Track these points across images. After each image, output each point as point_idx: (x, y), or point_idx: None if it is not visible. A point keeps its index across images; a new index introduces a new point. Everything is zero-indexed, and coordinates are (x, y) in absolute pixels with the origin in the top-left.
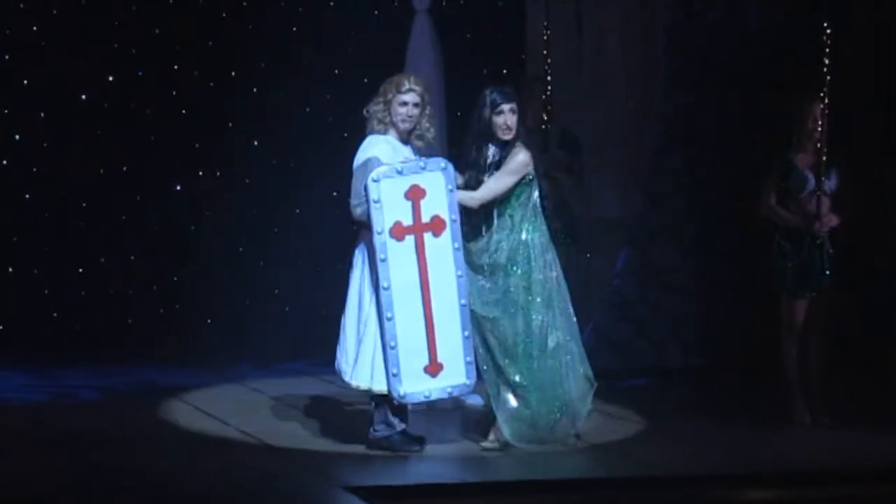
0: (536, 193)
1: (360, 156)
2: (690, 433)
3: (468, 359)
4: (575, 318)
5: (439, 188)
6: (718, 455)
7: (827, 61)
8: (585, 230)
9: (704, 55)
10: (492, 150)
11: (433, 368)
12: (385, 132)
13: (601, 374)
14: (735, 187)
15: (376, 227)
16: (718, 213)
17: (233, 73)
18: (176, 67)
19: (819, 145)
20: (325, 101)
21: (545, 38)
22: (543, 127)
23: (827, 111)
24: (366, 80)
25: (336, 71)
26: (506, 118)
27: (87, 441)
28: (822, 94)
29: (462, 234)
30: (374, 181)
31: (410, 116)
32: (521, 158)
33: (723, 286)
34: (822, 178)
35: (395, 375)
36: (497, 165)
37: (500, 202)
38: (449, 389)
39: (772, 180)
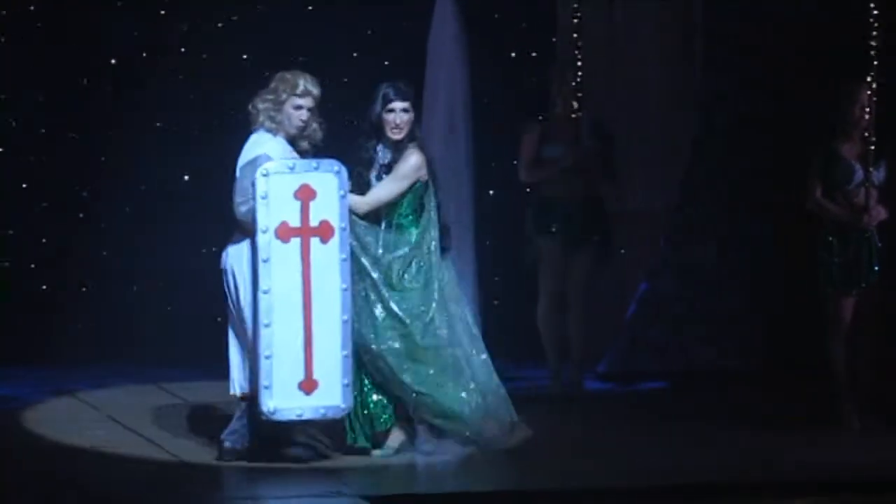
0: (433, 200)
1: (248, 152)
2: (723, 437)
3: (345, 381)
4: (476, 331)
5: (331, 191)
6: (755, 462)
7: (874, 44)
8: (618, 225)
9: (744, 38)
10: (381, 150)
11: (308, 385)
12: (275, 132)
13: (634, 375)
14: (776, 178)
15: (261, 224)
16: (758, 206)
17: (244, 57)
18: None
19: (866, 134)
20: (343, 84)
21: (576, 20)
22: (574, 115)
23: (875, 98)
24: (386, 64)
25: (354, 54)
26: (396, 117)
27: None
28: (869, 80)
29: (361, 230)
30: (264, 175)
31: (304, 121)
32: (412, 162)
33: (764, 283)
34: (871, 169)
35: (266, 388)
36: (388, 167)
37: (390, 207)
38: (322, 410)
39: (816, 172)
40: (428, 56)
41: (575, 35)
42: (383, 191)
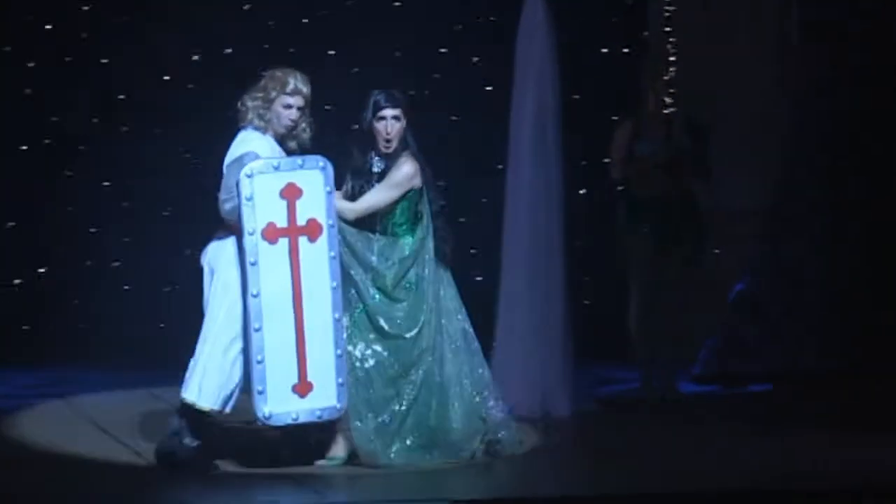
0: (428, 209)
1: (235, 150)
2: (822, 441)
3: (340, 380)
4: (476, 345)
5: (317, 189)
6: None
7: None
8: (711, 224)
9: (845, 29)
10: (375, 159)
11: (302, 388)
12: (264, 131)
13: (731, 378)
14: (874, 175)
15: (247, 227)
16: (856, 204)
17: (330, 53)
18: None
19: None
20: (434, 80)
21: (668, 14)
22: (666, 112)
23: None
24: (475, 60)
25: (442, 50)
26: (387, 125)
27: None
28: None
29: (345, 237)
30: (248, 176)
31: (294, 121)
32: (405, 171)
33: (862, 283)
34: None
35: (260, 393)
36: (381, 176)
37: (385, 216)
38: (318, 412)
39: None
40: (517, 52)
41: (667, 29)
42: (374, 198)
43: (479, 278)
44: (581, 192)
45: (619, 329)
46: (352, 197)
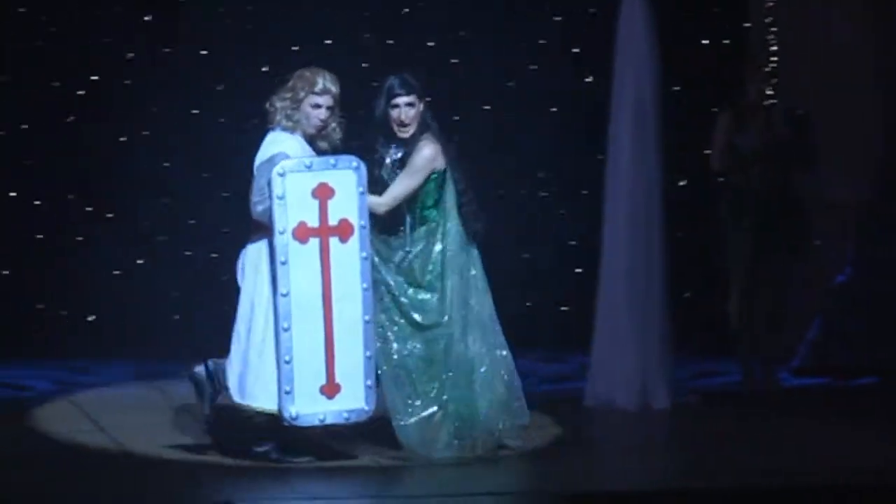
0: (452, 189)
1: (265, 151)
2: None
3: (368, 382)
4: (497, 326)
5: (350, 189)
6: None
7: None
8: (813, 216)
9: None
10: (392, 146)
11: (330, 389)
12: (293, 131)
13: (830, 371)
14: None
15: (278, 225)
16: None
17: (430, 44)
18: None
19: None
20: (530, 73)
21: (770, 4)
22: (767, 103)
23: None
24: (574, 51)
25: (542, 41)
26: (401, 112)
27: None
28: None
29: (371, 240)
30: (280, 175)
31: (323, 120)
32: (425, 153)
33: None
34: None
35: (287, 393)
36: (402, 162)
37: (411, 202)
38: (346, 414)
39: None
40: (616, 44)
41: (769, 20)
42: (399, 187)
43: (578, 270)
44: (681, 183)
45: (720, 322)
46: (371, 186)
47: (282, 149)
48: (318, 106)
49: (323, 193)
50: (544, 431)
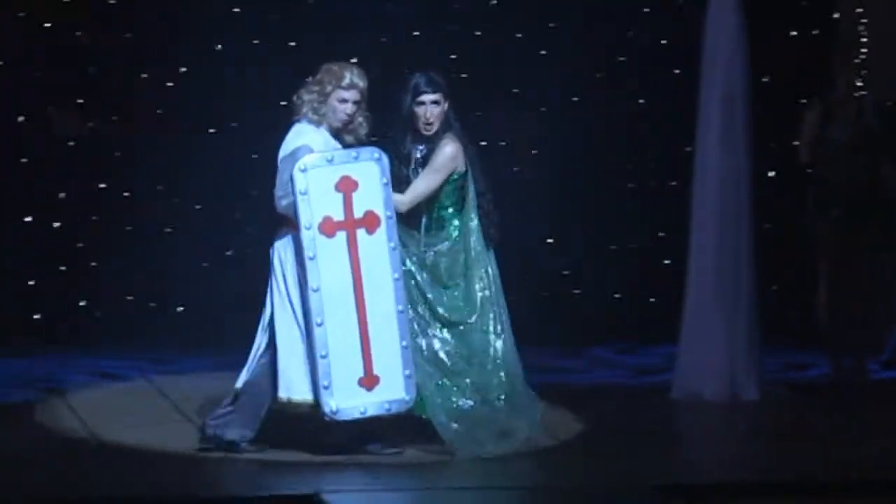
0: (472, 190)
1: (289, 144)
2: None
3: (407, 372)
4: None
5: (373, 181)
6: None
7: None
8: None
9: None
10: (416, 144)
11: (369, 381)
12: (318, 124)
13: None
14: None
15: (304, 221)
16: None
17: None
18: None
19: None
20: (619, 64)
21: None
22: (856, 94)
23: None
24: (663, 43)
25: (630, 33)
26: (426, 110)
27: None
28: None
29: (398, 230)
30: (302, 171)
31: (350, 115)
32: (447, 152)
33: None
34: None
35: (325, 388)
36: (424, 161)
37: (430, 202)
38: (386, 405)
39: None
40: (705, 35)
41: (858, 11)
42: (421, 185)
43: (667, 262)
44: (770, 175)
45: (808, 313)
46: (395, 183)
47: (305, 141)
48: (344, 101)
49: (346, 186)
50: (633, 422)
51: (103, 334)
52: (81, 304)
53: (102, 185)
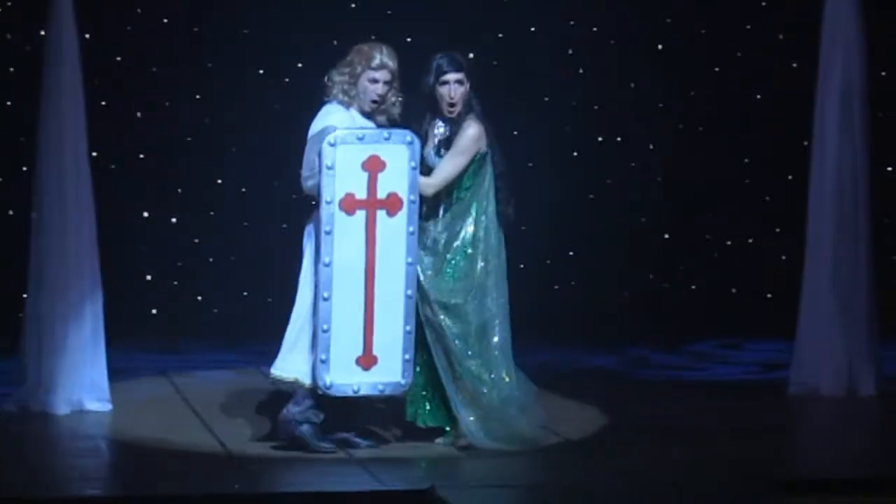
0: (490, 170)
1: (317, 123)
2: None
3: (406, 356)
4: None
5: (401, 163)
6: None
7: None
8: None
9: None
10: (440, 125)
11: (366, 360)
12: (348, 106)
13: None
14: None
15: (325, 195)
16: None
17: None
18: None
19: None
20: (735, 58)
21: None
22: None
23: None
24: (780, 38)
25: (748, 27)
26: (450, 89)
27: None
28: None
29: (419, 216)
30: (331, 145)
31: (380, 95)
32: (470, 133)
33: None
34: None
35: (323, 362)
36: (447, 141)
37: (450, 183)
38: (381, 387)
39: None
40: (823, 28)
41: None
42: (448, 167)
43: (783, 257)
44: (889, 169)
45: None
46: (420, 166)
47: (332, 121)
48: (374, 81)
49: (373, 166)
50: (750, 418)
51: (220, 328)
52: (198, 298)
53: (219, 181)
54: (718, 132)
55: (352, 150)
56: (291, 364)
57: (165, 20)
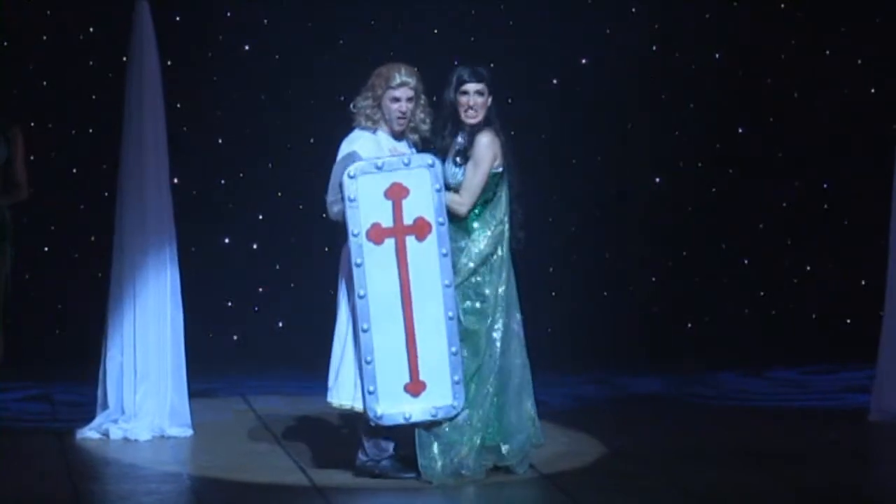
0: (506, 191)
1: (341, 151)
2: None
3: (455, 378)
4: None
5: (425, 187)
6: None
7: None
8: None
9: None
10: (459, 137)
11: (414, 387)
12: (374, 130)
13: None
14: None
15: (352, 228)
16: None
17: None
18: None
19: None
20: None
21: None
22: None
23: None
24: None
25: (826, 52)
26: (470, 99)
27: None
28: None
29: (449, 237)
30: (351, 178)
31: (404, 113)
32: (483, 141)
33: None
34: None
35: (371, 393)
36: (463, 153)
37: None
38: (433, 411)
39: None
40: None
41: None
42: (473, 181)
43: (863, 282)
44: None
45: None
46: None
47: (355, 148)
48: (396, 99)
49: (396, 193)
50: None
51: (299, 354)
52: (279, 324)
53: (300, 206)
54: (791, 150)
55: (372, 179)
56: (343, 392)
57: (247, 47)
